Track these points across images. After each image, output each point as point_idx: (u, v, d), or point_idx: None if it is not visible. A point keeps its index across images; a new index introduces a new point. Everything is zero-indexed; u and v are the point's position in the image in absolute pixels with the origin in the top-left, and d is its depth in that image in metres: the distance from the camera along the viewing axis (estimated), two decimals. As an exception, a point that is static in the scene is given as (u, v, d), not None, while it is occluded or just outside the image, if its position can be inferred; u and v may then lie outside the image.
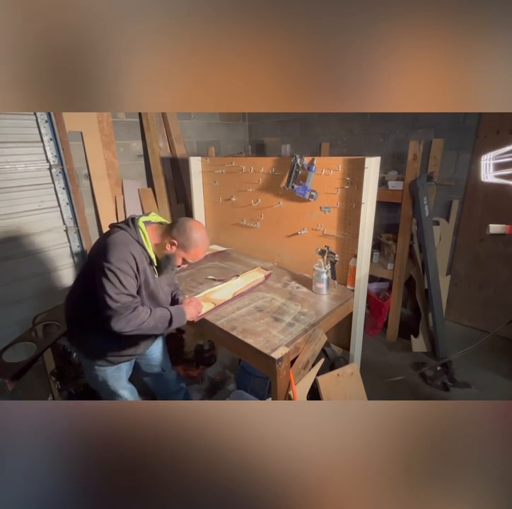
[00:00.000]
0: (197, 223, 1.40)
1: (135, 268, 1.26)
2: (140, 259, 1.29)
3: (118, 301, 1.22)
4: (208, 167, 2.56)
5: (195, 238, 1.33)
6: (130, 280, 1.25)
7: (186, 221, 1.36)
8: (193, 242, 1.33)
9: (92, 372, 1.48)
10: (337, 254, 1.92)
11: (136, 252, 1.27)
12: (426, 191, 2.32)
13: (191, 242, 1.33)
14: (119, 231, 1.29)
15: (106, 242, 1.25)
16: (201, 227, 1.38)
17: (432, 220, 2.55)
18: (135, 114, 2.91)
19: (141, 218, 1.35)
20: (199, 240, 1.34)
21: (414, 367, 2.38)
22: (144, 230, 1.32)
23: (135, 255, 1.26)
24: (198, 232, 1.34)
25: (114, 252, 1.22)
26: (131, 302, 1.26)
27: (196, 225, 1.37)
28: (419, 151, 2.18)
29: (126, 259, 1.23)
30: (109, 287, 1.20)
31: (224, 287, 1.90)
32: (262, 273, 2.07)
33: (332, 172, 1.86)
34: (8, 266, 2.38)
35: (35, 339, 1.80)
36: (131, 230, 1.30)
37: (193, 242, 1.33)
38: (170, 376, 1.80)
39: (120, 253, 1.22)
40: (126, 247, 1.24)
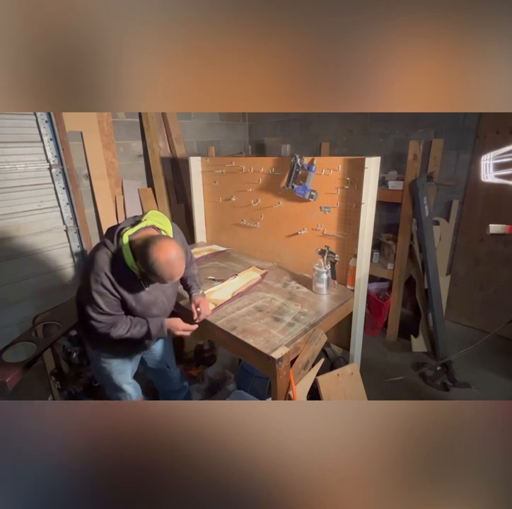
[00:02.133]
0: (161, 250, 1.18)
1: (112, 289, 1.27)
2: (122, 277, 1.27)
3: (96, 319, 1.32)
4: (208, 167, 2.56)
5: (154, 269, 1.19)
6: (108, 300, 1.29)
7: (148, 246, 1.19)
8: (152, 271, 1.20)
9: (99, 365, 1.54)
10: (337, 254, 1.92)
11: (117, 272, 1.26)
12: (426, 191, 2.32)
13: (151, 271, 1.20)
14: (101, 249, 1.27)
15: (88, 262, 1.30)
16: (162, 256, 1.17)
17: (432, 220, 2.56)
18: (135, 114, 2.91)
19: (128, 230, 1.27)
20: (158, 270, 1.19)
21: (414, 367, 2.38)
22: (127, 248, 1.24)
23: (113, 275, 1.26)
24: (157, 262, 1.17)
25: (91, 275, 1.26)
26: (108, 319, 1.33)
27: (158, 254, 1.17)
28: (419, 151, 2.18)
29: (101, 281, 1.25)
30: (89, 309, 1.30)
31: (223, 287, 1.90)
32: (258, 273, 2.07)
33: (332, 172, 1.86)
34: (8, 266, 2.38)
35: (34, 339, 1.80)
36: (113, 246, 1.27)
37: (152, 272, 1.20)
38: (174, 374, 1.81)
39: (95, 276, 1.25)
40: (102, 270, 1.25)
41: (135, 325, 1.38)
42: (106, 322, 1.33)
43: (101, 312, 1.30)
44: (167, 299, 1.48)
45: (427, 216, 2.33)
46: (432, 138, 2.62)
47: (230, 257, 2.46)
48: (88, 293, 1.27)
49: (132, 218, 1.38)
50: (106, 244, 1.29)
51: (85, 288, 1.30)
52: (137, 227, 1.29)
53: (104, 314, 1.31)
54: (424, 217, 2.27)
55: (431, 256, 2.36)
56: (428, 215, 2.35)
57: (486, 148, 2.34)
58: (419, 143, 2.17)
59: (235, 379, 2.27)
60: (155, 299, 1.41)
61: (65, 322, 1.89)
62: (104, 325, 1.34)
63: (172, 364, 1.79)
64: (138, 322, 1.39)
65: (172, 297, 1.54)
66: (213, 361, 2.48)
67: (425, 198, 2.29)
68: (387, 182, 2.43)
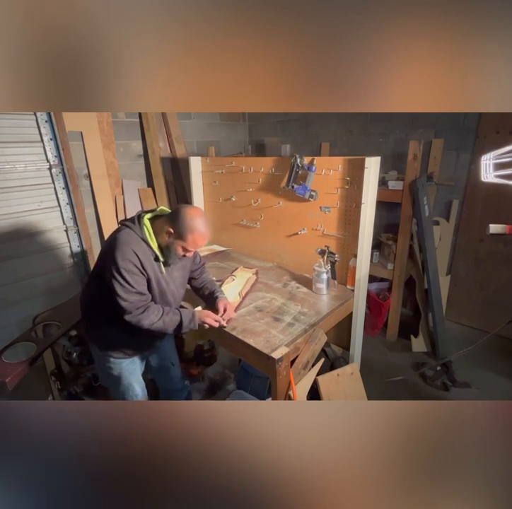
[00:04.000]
0: (194, 208, 1.35)
1: (140, 266, 1.29)
2: (145, 256, 1.30)
3: (127, 300, 1.28)
4: (208, 167, 2.56)
5: (190, 224, 1.28)
6: (137, 278, 1.28)
7: (181, 208, 1.32)
8: (188, 228, 1.28)
9: (107, 366, 1.50)
10: (337, 254, 1.92)
11: (140, 250, 1.29)
12: (426, 191, 2.32)
13: (186, 228, 1.28)
14: (124, 230, 1.32)
15: (111, 242, 1.30)
16: (197, 213, 1.32)
17: (432, 220, 2.56)
18: (135, 114, 2.91)
19: (147, 214, 1.36)
20: (195, 226, 1.29)
21: (414, 367, 2.38)
22: (148, 227, 1.32)
23: (138, 253, 1.28)
24: (193, 218, 1.29)
25: (118, 253, 1.25)
26: (140, 300, 1.31)
27: (192, 211, 1.32)
28: (419, 151, 2.18)
29: (129, 258, 1.26)
30: (118, 287, 1.26)
31: (227, 289, 1.88)
32: (249, 272, 2.07)
33: (332, 172, 1.86)
34: (8, 266, 2.38)
35: (35, 339, 1.80)
36: (135, 227, 1.32)
37: (188, 229, 1.28)
38: (177, 372, 1.81)
39: (123, 253, 1.25)
40: (129, 246, 1.27)
41: (167, 313, 1.37)
42: (137, 302, 1.30)
43: (132, 291, 1.27)
44: (176, 289, 1.49)
45: (427, 216, 2.33)
46: (432, 138, 2.62)
47: (230, 257, 2.46)
48: (117, 271, 1.24)
49: (141, 210, 1.42)
50: (127, 225, 1.32)
51: (111, 267, 1.26)
52: (155, 212, 1.39)
53: (135, 294, 1.28)
54: (424, 217, 2.27)
55: (431, 256, 2.36)
56: (428, 215, 2.35)
57: (486, 148, 2.34)
58: (419, 143, 2.17)
59: (235, 379, 2.27)
60: (167, 286, 1.43)
61: (65, 322, 1.89)
62: (135, 306, 1.29)
63: (175, 361, 1.79)
64: (170, 310, 1.39)
65: (181, 288, 1.54)
66: (213, 361, 2.48)
67: (425, 198, 2.29)
68: (387, 182, 2.43)
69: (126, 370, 1.53)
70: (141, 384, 1.63)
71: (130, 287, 1.27)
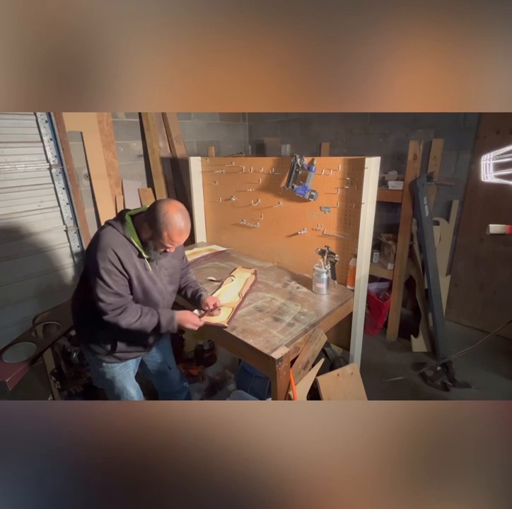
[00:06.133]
0: (169, 203, 1.25)
1: (119, 266, 1.27)
2: (126, 254, 1.28)
3: (105, 301, 1.27)
4: (208, 167, 2.56)
5: (164, 220, 1.22)
6: (116, 278, 1.27)
7: (157, 203, 1.26)
8: (163, 224, 1.23)
9: (100, 370, 1.50)
10: (337, 254, 1.92)
11: (121, 248, 1.27)
12: (426, 191, 2.32)
13: (160, 224, 1.23)
14: (106, 228, 1.31)
15: (92, 242, 1.30)
16: (172, 208, 1.24)
17: (432, 220, 2.56)
18: (135, 114, 2.91)
19: (129, 211, 1.34)
20: (169, 222, 1.22)
21: (414, 367, 2.38)
22: (130, 224, 1.30)
23: (119, 252, 1.26)
24: (167, 213, 1.22)
25: (98, 253, 1.24)
26: (118, 301, 1.29)
27: (167, 206, 1.24)
28: (419, 151, 2.18)
29: (109, 257, 1.24)
30: (96, 288, 1.26)
31: (226, 290, 1.88)
32: (248, 272, 2.07)
33: (332, 172, 1.86)
34: (8, 266, 2.38)
35: (35, 339, 1.80)
36: (118, 224, 1.30)
37: (163, 225, 1.23)
38: (175, 375, 1.81)
39: (103, 253, 1.24)
40: (109, 246, 1.25)
41: (146, 314, 1.35)
42: (115, 304, 1.28)
43: (110, 292, 1.26)
44: (165, 287, 1.47)
45: (427, 216, 2.33)
46: (432, 138, 2.62)
47: (230, 257, 2.46)
48: (96, 271, 1.24)
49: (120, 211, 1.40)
50: (110, 223, 1.31)
51: (91, 267, 1.26)
52: (139, 209, 1.37)
53: (113, 295, 1.27)
54: (424, 217, 2.27)
55: (431, 256, 2.36)
56: (428, 215, 2.35)
57: (486, 148, 2.34)
58: (419, 143, 2.17)
59: (235, 379, 2.27)
60: (153, 284, 1.40)
61: (65, 322, 1.89)
62: (113, 307, 1.28)
63: (172, 365, 1.79)
64: (149, 311, 1.37)
65: (170, 286, 1.51)
66: (213, 361, 2.48)
67: (425, 198, 2.29)
68: (387, 182, 2.43)
69: (119, 374, 1.52)
70: (136, 387, 1.63)
71: (108, 288, 1.25)
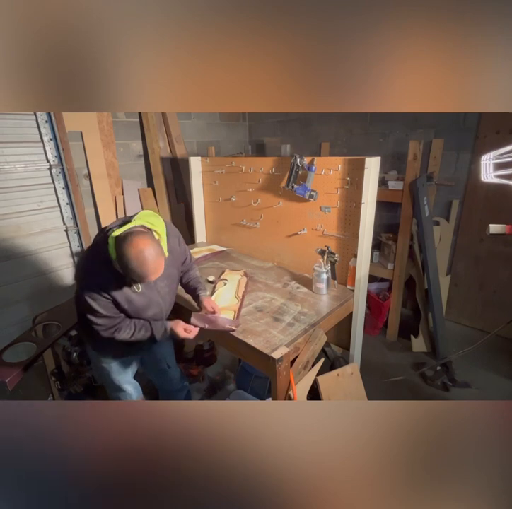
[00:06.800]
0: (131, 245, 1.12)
1: (103, 292, 1.26)
2: (109, 279, 1.25)
3: (97, 323, 1.31)
4: (208, 167, 2.56)
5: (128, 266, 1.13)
6: (102, 303, 1.27)
7: (122, 241, 1.13)
8: (126, 269, 1.15)
9: (99, 365, 1.56)
10: (337, 254, 1.92)
11: (104, 273, 1.24)
12: (426, 191, 2.32)
13: (125, 270, 1.15)
14: (92, 249, 1.30)
15: (79, 266, 1.33)
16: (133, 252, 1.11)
17: (432, 220, 2.56)
18: (135, 114, 2.91)
19: (114, 232, 1.18)
20: (130, 269, 1.13)
21: (414, 367, 2.38)
22: (112, 248, 1.18)
23: (100, 279, 1.26)
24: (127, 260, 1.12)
25: (81, 281, 1.29)
26: (110, 322, 1.32)
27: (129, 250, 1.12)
28: (419, 151, 2.18)
29: (91, 286, 1.26)
30: (87, 312, 1.29)
31: (221, 293, 1.86)
32: (238, 274, 2.07)
33: (332, 172, 1.86)
34: (8, 266, 2.38)
35: (35, 339, 1.79)
36: (103, 245, 1.22)
37: (126, 270, 1.15)
38: (175, 374, 1.81)
39: (85, 281, 1.27)
40: (92, 273, 1.27)
41: (139, 330, 1.38)
42: (107, 324, 1.32)
43: (99, 316, 1.29)
44: (162, 299, 1.44)
45: (427, 216, 2.33)
46: (432, 138, 2.62)
47: (230, 257, 2.46)
48: (83, 298, 1.26)
49: (122, 218, 1.32)
50: (95, 246, 1.30)
51: (79, 294, 1.28)
52: (125, 227, 1.19)
53: (103, 317, 1.30)
54: (424, 217, 2.27)
55: (431, 256, 2.36)
56: (428, 215, 2.35)
57: (486, 148, 2.34)
58: (419, 143, 2.17)
59: (235, 379, 2.27)
60: (149, 301, 1.38)
61: (65, 322, 1.89)
62: (105, 328, 1.32)
63: (172, 364, 1.79)
64: (142, 326, 1.39)
65: (169, 296, 1.49)
66: (213, 361, 2.48)
67: (425, 198, 2.29)
68: (387, 182, 2.43)
69: (116, 370, 1.56)
70: (133, 385, 1.65)
71: (97, 313, 1.28)
